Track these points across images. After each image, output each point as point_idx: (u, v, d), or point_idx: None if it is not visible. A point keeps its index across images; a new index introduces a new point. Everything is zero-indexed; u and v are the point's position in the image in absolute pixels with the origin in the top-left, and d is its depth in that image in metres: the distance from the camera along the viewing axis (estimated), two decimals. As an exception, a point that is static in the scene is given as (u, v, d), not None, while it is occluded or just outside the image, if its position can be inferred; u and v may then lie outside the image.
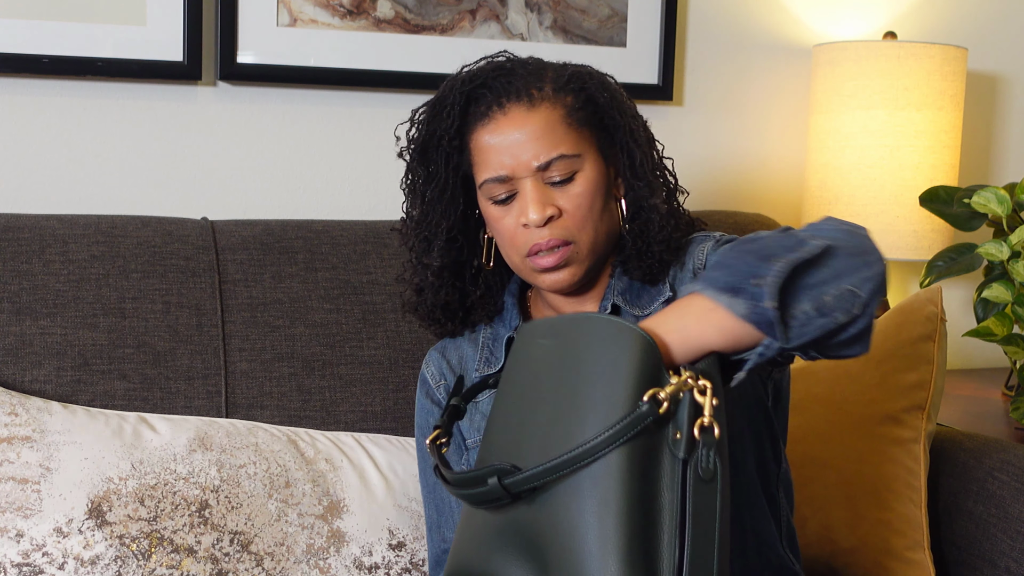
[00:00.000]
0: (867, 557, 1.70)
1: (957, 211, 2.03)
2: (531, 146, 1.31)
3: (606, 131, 1.37)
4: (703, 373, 1.02)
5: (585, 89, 1.35)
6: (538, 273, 1.35)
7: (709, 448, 1.00)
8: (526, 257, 1.34)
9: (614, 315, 1.37)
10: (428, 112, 1.39)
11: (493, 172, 1.33)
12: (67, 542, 1.41)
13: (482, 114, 1.34)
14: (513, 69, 1.36)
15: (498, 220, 1.36)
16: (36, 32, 1.79)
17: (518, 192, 1.33)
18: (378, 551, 1.50)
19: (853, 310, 1.08)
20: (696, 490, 1.00)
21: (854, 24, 2.31)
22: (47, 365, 1.57)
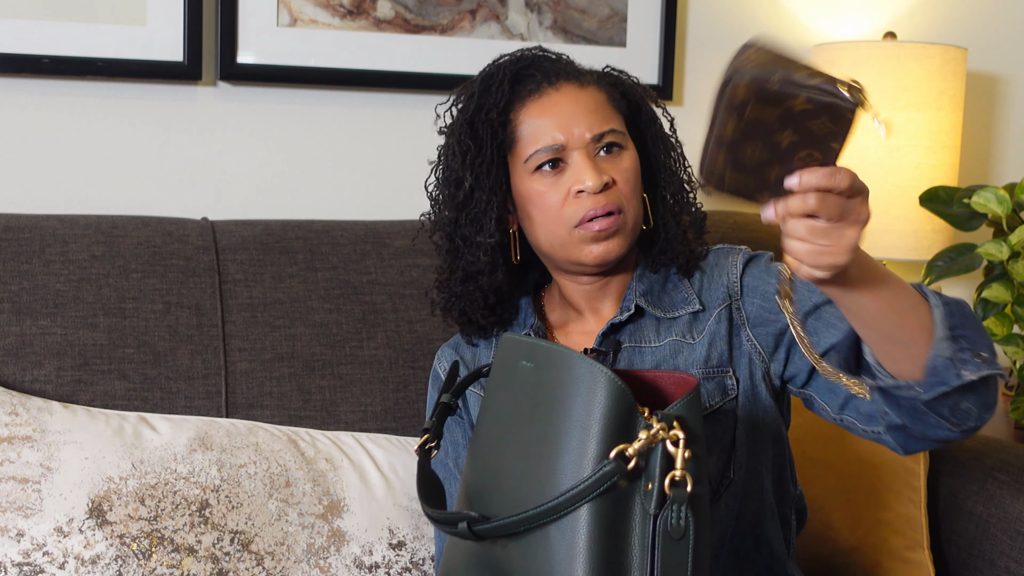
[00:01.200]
0: (867, 557, 1.70)
1: (957, 211, 2.03)
2: (585, 118, 1.34)
3: (636, 129, 1.41)
4: (678, 422, 0.98)
5: (619, 85, 1.41)
6: (588, 243, 1.35)
7: (680, 503, 0.97)
8: (575, 227, 1.34)
9: (638, 317, 1.39)
10: (477, 87, 1.39)
11: (545, 143, 1.34)
12: (68, 541, 1.41)
13: (531, 91, 1.36)
14: (558, 58, 1.41)
15: (542, 195, 1.35)
16: (36, 32, 1.79)
17: (568, 164, 1.34)
18: (378, 550, 1.50)
19: (958, 429, 1.13)
20: (665, 548, 0.97)
21: (854, 24, 2.31)
22: (47, 365, 1.57)
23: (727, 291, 1.39)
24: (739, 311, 1.38)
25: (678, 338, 1.38)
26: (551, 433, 1.01)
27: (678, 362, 1.36)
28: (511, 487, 1.03)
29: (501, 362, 1.10)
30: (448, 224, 1.42)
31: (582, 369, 1.01)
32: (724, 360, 1.37)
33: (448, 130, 1.42)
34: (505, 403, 1.07)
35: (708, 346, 1.37)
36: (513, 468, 1.04)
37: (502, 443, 1.07)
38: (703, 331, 1.38)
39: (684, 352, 1.37)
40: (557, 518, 0.99)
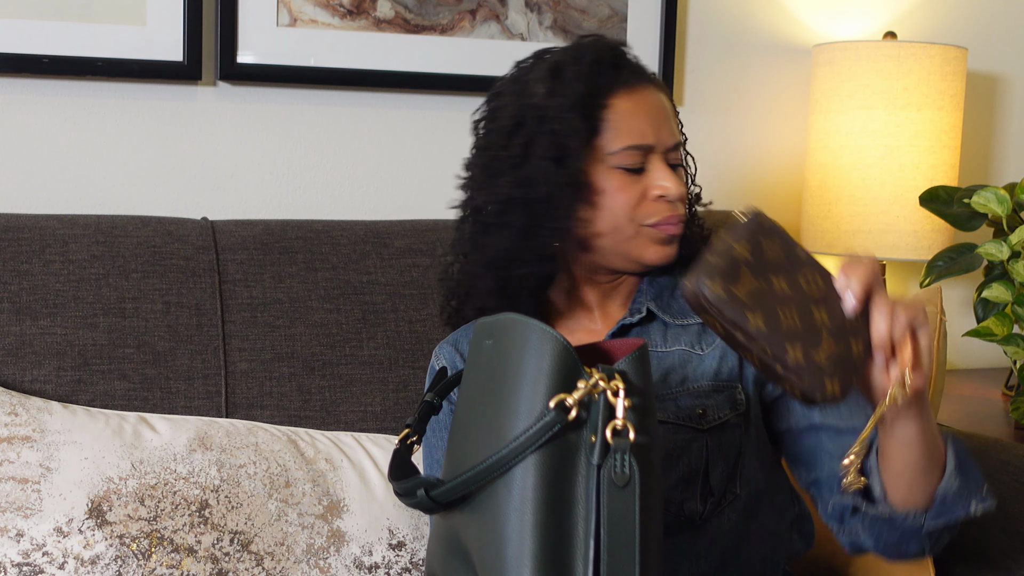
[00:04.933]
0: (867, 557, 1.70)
1: (957, 211, 2.03)
2: (667, 124, 1.35)
3: None
4: (620, 375, 0.98)
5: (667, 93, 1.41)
6: (653, 243, 1.35)
7: (623, 452, 0.96)
8: (646, 226, 1.34)
9: (648, 321, 1.39)
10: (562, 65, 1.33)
11: (637, 140, 1.33)
12: (67, 542, 1.41)
13: (624, 81, 1.34)
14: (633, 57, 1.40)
15: (620, 190, 1.33)
16: (36, 32, 1.79)
17: (647, 166, 1.34)
18: (378, 551, 1.50)
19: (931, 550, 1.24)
20: (610, 496, 0.96)
21: (854, 24, 2.31)
22: (47, 365, 1.57)
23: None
24: None
25: (687, 348, 1.37)
26: (504, 398, 1.01)
27: (687, 372, 1.36)
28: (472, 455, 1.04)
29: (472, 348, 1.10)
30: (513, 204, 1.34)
31: (532, 333, 1.00)
32: (734, 375, 1.36)
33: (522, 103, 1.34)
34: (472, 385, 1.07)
35: (719, 360, 1.36)
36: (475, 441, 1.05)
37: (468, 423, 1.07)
38: (713, 343, 1.37)
39: (693, 362, 1.36)
40: (502, 473, 0.98)
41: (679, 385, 1.35)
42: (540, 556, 0.96)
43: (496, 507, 0.99)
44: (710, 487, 1.33)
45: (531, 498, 0.97)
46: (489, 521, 1.00)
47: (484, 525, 1.01)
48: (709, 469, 1.33)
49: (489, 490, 1.00)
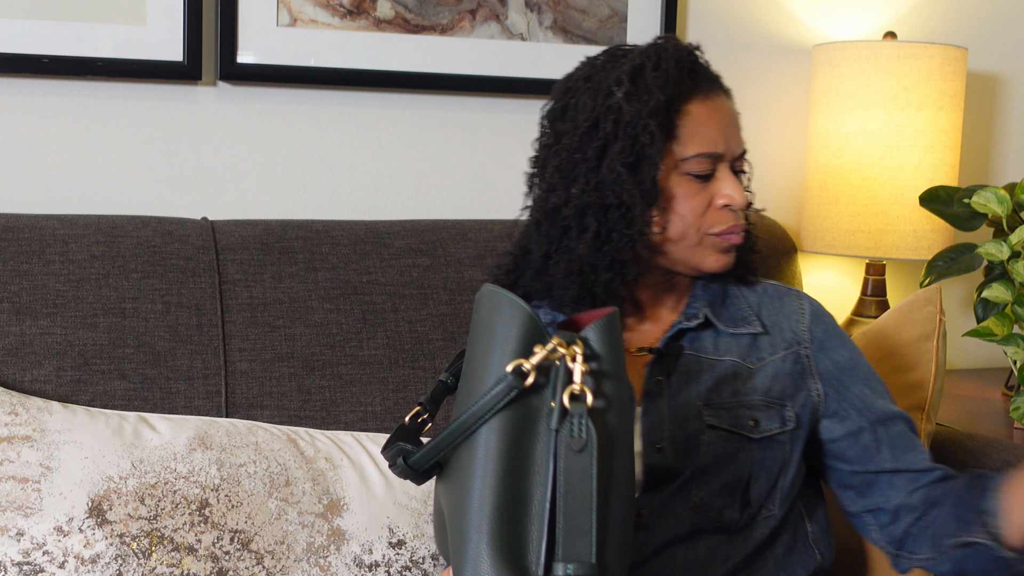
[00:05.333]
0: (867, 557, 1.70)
1: (957, 211, 2.03)
2: (736, 133, 1.38)
3: None
4: (581, 341, 0.99)
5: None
6: (715, 251, 1.37)
7: (580, 416, 0.97)
8: (709, 234, 1.36)
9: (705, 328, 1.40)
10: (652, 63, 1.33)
11: (709, 147, 1.34)
12: (67, 541, 1.41)
13: (701, 90, 1.35)
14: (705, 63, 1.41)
15: (689, 196, 1.35)
16: (36, 32, 1.79)
17: (715, 174, 1.36)
18: (378, 549, 1.50)
19: None
20: (567, 459, 0.97)
21: (854, 24, 2.31)
22: (47, 365, 1.57)
23: (795, 335, 1.42)
24: (808, 359, 1.41)
25: (739, 360, 1.39)
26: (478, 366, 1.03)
27: (738, 385, 1.38)
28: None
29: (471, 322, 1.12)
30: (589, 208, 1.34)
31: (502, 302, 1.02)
32: (786, 395, 1.39)
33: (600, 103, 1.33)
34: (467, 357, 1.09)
35: (771, 378, 1.39)
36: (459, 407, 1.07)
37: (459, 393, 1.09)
38: (763, 359, 1.40)
39: (743, 375, 1.38)
40: (467, 437, 1.00)
41: (731, 396, 1.37)
42: (497, 519, 0.97)
43: (462, 470, 1.00)
44: (749, 499, 1.35)
45: (492, 461, 0.98)
46: (456, 485, 1.01)
47: (453, 489, 1.02)
48: (752, 480, 1.35)
49: (458, 454, 1.02)
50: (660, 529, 1.33)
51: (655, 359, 1.38)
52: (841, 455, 1.42)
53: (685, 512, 1.33)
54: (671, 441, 1.34)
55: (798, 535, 1.41)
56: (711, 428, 1.35)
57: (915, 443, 1.41)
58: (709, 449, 1.34)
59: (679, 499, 1.33)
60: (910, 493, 1.37)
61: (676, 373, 1.38)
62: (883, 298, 2.21)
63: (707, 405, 1.36)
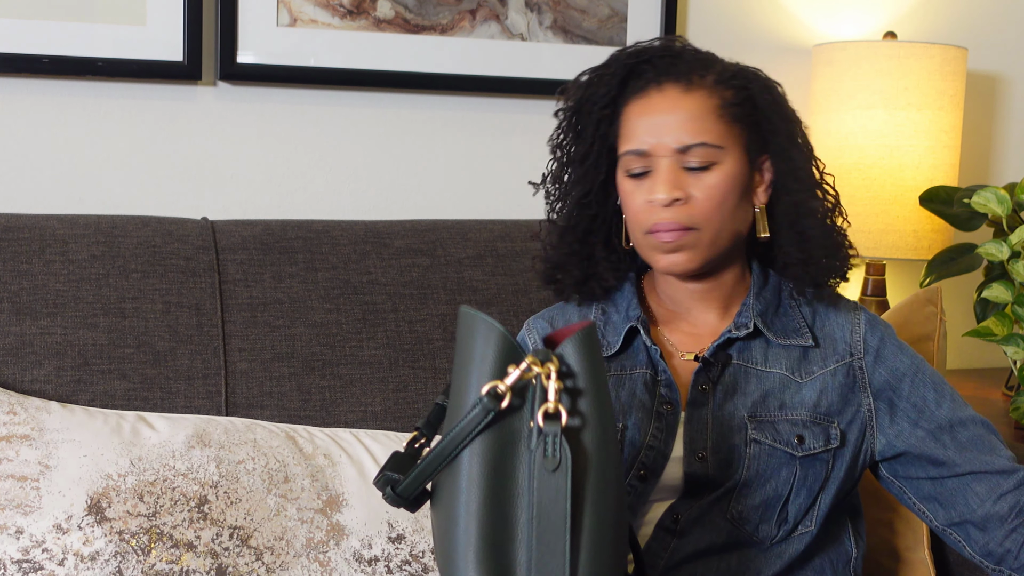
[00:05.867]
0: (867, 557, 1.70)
1: (957, 211, 2.03)
2: (676, 128, 1.32)
3: (759, 134, 1.37)
4: (556, 358, 0.98)
5: (748, 88, 1.35)
6: (656, 252, 1.35)
7: (554, 436, 0.96)
8: (647, 233, 1.34)
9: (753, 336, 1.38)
10: (589, 77, 1.39)
11: (634, 145, 1.34)
12: (67, 538, 1.41)
13: (639, 88, 1.35)
14: (681, 53, 1.37)
15: (629, 195, 1.36)
16: (36, 32, 1.79)
17: (652, 170, 1.33)
18: (378, 544, 1.50)
19: None
20: (541, 480, 0.96)
21: (854, 24, 2.31)
22: (47, 365, 1.57)
23: (848, 347, 1.39)
24: (862, 371, 1.38)
25: (787, 373, 1.37)
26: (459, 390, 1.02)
27: (785, 398, 1.36)
28: None
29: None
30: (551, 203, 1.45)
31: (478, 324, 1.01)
32: (833, 411, 1.37)
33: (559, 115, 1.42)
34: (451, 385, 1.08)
35: (819, 392, 1.36)
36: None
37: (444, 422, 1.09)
38: (813, 373, 1.37)
39: (791, 389, 1.36)
40: (449, 462, 0.99)
41: (777, 410, 1.36)
42: (483, 546, 0.96)
43: (448, 496, 1.00)
44: (787, 515, 1.34)
45: (475, 486, 0.97)
46: (443, 511, 1.01)
47: (441, 515, 1.02)
48: (791, 497, 1.34)
49: (443, 480, 1.01)
50: (695, 537, 1.32)
51: (701, 367, 1.36)
52: (911, 466, 1.38)
53: (722, 523, 1.32)
54: (713, 451, 1.33)
55: (839, 559, 1.40)
56: (755, 442, 1.33)
57: (992, 446, 1.37)
58: (751, 463, 1.33)
59: (717, 510, 1.33)
60: (995, 501, 1.34)
61: (722, 383, 1.36)
62: (883, 298, 2.21)
63: (752, 418, 1.34)
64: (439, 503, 1.03)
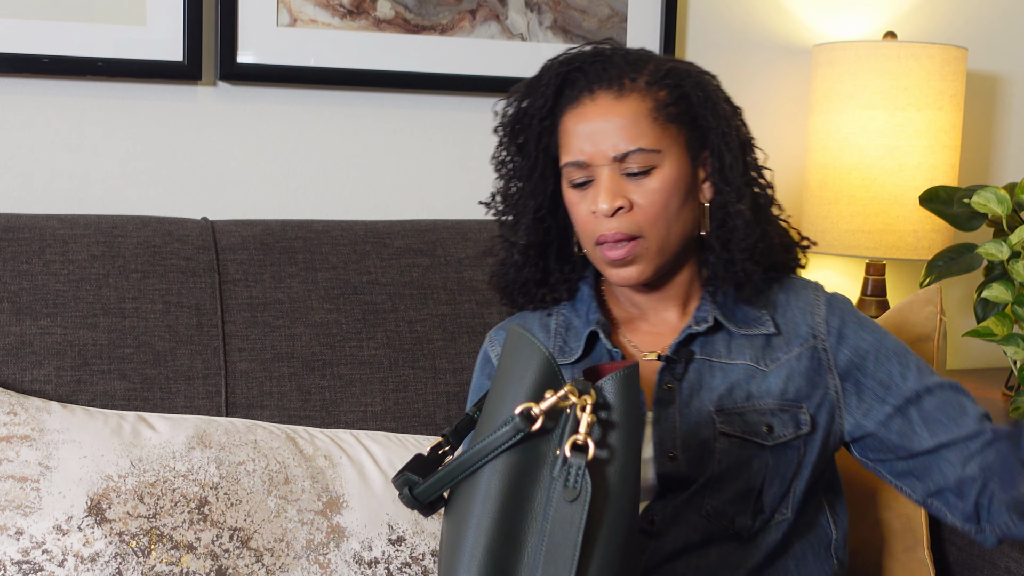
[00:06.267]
0: (867, 557, 1.70)
1: (957, 211, 2.03)
2: (612, 136, 1.31)
3: (699, 131, 1.36)
4: (595, 391, 0.98)
5: (681, 86, 1.34)
6: (607, 265, 1.35)
7: (579, 467, 0.97)
8: (596, 245, 1.34)
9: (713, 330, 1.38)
10: (524, 90, 1.39)
11: (573, 156, 1.34)
12: (67, 539, 1.41)
13: (573, 98, 1.35)
14: (612, 57, 1.36)
15: (574, 205, 1.36)
16: (36, 32, 1.79)
17: (594, 180, 1.33)
18: (378, 546, 1.50)
19: None
20: (558, 509, 0.97)
21: (854, 24, 2.31)
22: (47, 365, 1.57)
23: (811, 330, 1.38)
24: (826, 353, 1.38)
25: (751, 362, 1.37)
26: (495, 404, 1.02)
27: (751, 388, 1.35)
28: None
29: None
30: (496, 215, 1.46)
31: (523, 343, 1.01)
32: (801, 395, 1.36)
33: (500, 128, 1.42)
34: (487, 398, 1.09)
35: (785, 379, 1.36)
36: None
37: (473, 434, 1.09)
38: (778, 360, 1.37)
39: (757, 379, 1.36)
40: (471, 473, 0.99)
41: (745, 401, 1.35)
42: (487, 562, 0.97)
43: (462, 508, 1.00)
44: (762, 505, 1.34)
45: (490, 503, 0.98)
46: (455, 521, 1.01)
47: (452, 525, 1.02)
48: (764, 487, 1.34)
49: (461, 491, 1.01)
50: (672, 536, 1.32)
51: (665, 366, 1.36)
52: (881, 448, 1.38)
53: (697, 520, 1.32)
54: (684, 449, 1.33)
55: (819, 543, 1.40)
56: (724, 435, 1.33)
57: (961, 408, 1.37)
58: (723, 457, 1.32)
59: (692, 507, 1.32)
60: (964, 465, 1.33)
61: (687, 379, 1.36)
62: (883, 298, 2.21)
63: (720, 411, 1.34)
64: (452, 512, 1.03)
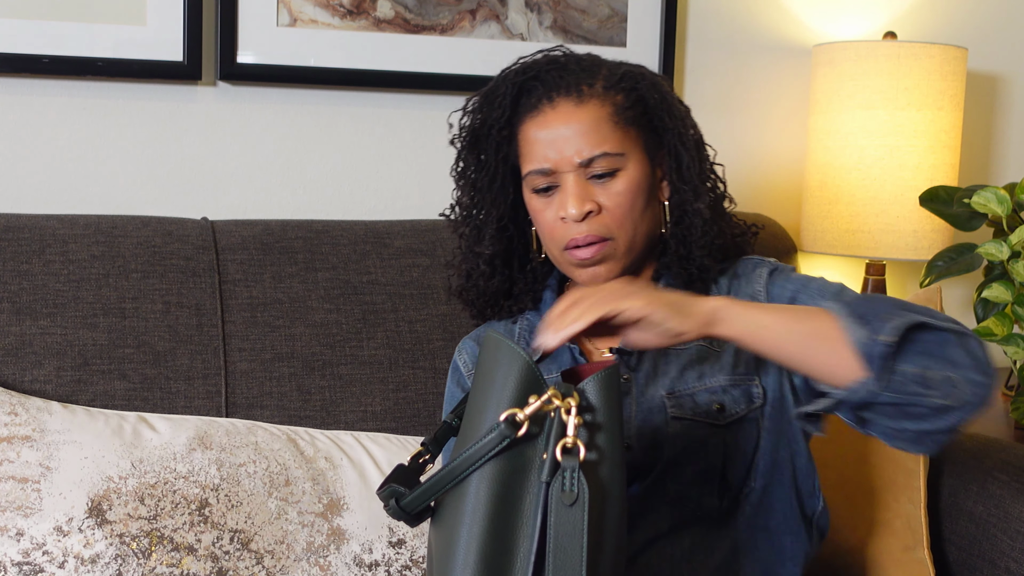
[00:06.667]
0: (867, 557, 1.70)
1: (957, 211, 2.03)
2: (575, 141, 1.33)
3: (654, 133, 1.38)
4: (578, 393, 0.99)
5: (636, 89, 1.37)
6: (576, 267, 1.36)
7: (572, 470, 0.97)
8: (564, 250, 1.36)
9: None
10: (481, 101, 1.40)
11: (537, 164, 1.35)
12: (67, 541, 1.41)
13: (532, 106, 1.36)
14: (567, 64, 1.38)
15: (539, 212, 1.37)
16: (36, 32, 1.79)
17: (559, 186, 1.35)
18: (378, 548, 1.50)
19: (947, 400, 1.10)
20: (558, 513, 0.97)
21: (854, 24, 2.31)
22: (47, 365, 1.57)
23: (751, 299, 1.38)
24: None
25: (705, 343, 1.38)
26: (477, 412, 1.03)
27: (704, 368, 1.37)
28: None
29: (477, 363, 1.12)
30: (458, 225, 1.47)
31: (503, 350, 1.02)
32: (751, 368, 1.37)
33: (458, 140, 1.43)
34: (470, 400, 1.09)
35: (735, 353, 1.37)
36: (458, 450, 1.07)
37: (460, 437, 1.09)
38: None
39: (710, 358, 1.37)
40: (458, 483, 1.00)
41: (696, 381, 1.36)
42: (481, 568, 0.97)
43: (452, 517, 1.00)
44: (728, 482, 1.34)
45: (480, 510, 0.98)
46: (445, 531, 1.01)
47: (442, 534, 1.02)
48: (727, 465, 1.34)
49: (449, 500, 1.02)
50: (642, 527, 1.32)
51: (618, 358, 1.37)
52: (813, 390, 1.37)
53: (663, 507, 1.33)
54: (638, 438, 1.34)
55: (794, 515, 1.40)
56: (675, 419, 1.34)
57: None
58: (676, 441, 1.33)
59: (655, 495, 1.33)
60: None
61: (642, 369, 1.38)
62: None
63: (670, 395, 1.35)
64: (441, 522, 1.03)
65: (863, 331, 1.10)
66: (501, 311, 1.48)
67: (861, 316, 1.12)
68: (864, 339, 1.10)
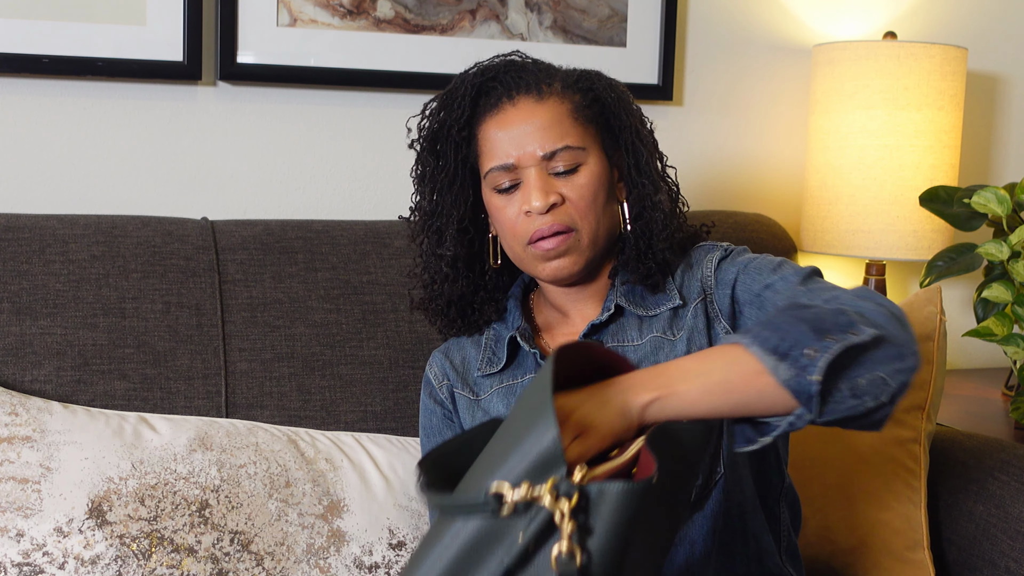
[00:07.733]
0: (867, 557, 1.70)
1: (957, 211, 2.03)
2: (537, 136, 1.34)
3: (611, 132, 1.40)
4: (581, 492, 0.91)
5: (593, 89, 1.39)
6: (540, 261, 1.37)
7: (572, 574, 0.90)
8: (527, 245, 1.36)
9: (619, 316, 1.40)
10: (439, 103, 1.42)
11: (499, 160, 1.36)
12: (67, 542, 1.41)
13: (492, 105, 1.37)
14: (524, 66, 1.40)
15: (500, 210, 1.38)
16: (36, 32, 1.79)
17: (521, 182, 1.36)
18: (378, 550, 1.50)
19: (881, 397, 1.09)
20: None
21: (854, 24, 2.31)
22: (47, 365, 1.57)
23: (701, 286, 1.40)
24: (712, 304, 1.39)
25: (659, 334, 1.39)
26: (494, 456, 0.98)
27: (659, 358, 1.37)
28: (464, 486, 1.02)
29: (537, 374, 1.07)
30: (417, 232, 1.47)
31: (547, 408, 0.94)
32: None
33: (416, 143, 1.45)
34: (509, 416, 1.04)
35: (688, 341, 1.38)
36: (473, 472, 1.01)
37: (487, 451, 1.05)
38: (683, 327, 1.39)
39: (665, 348, 1.38)
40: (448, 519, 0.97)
41: None
42: None
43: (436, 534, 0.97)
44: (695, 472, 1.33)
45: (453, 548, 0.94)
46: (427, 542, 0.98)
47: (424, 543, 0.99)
48: None
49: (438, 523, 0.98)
50: None
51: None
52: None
53: None
54: None
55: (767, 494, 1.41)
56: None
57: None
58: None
59: None
60: None
61: None
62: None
63: None
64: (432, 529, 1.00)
65: (789, 370, 1.05)
66: (467, 323, 1.48)
67: (776, 348, 1.06)
68: (792, 378, 1.05)
